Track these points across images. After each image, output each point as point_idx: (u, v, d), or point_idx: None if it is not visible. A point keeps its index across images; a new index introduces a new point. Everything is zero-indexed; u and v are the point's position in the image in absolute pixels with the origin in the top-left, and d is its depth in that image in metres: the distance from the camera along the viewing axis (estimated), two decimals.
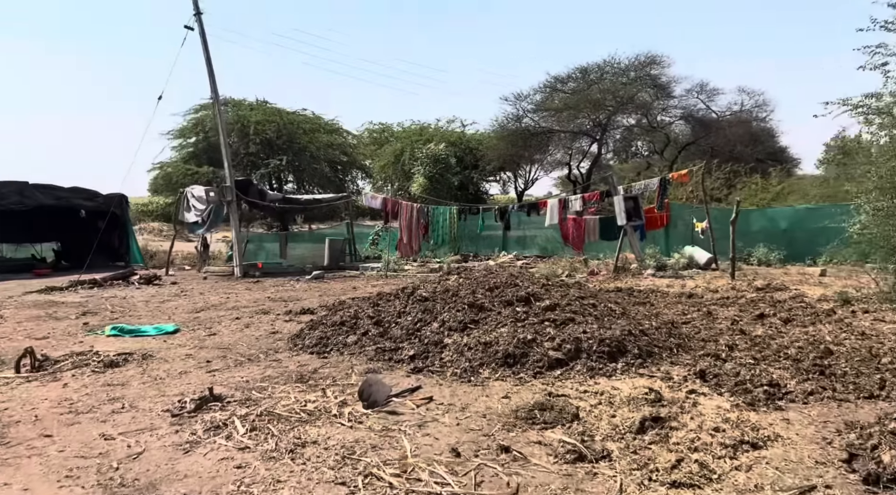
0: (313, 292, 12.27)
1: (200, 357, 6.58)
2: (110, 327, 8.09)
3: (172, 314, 9.66)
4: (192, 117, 35.79)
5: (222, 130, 16.25)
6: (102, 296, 12.08)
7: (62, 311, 10.08)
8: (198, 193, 16.42)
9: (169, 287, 13.39)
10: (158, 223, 40.37)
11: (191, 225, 16.45)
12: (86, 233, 20.93)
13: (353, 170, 40.61)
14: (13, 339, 7.70)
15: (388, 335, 6.65)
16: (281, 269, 16.90)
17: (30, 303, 10.99)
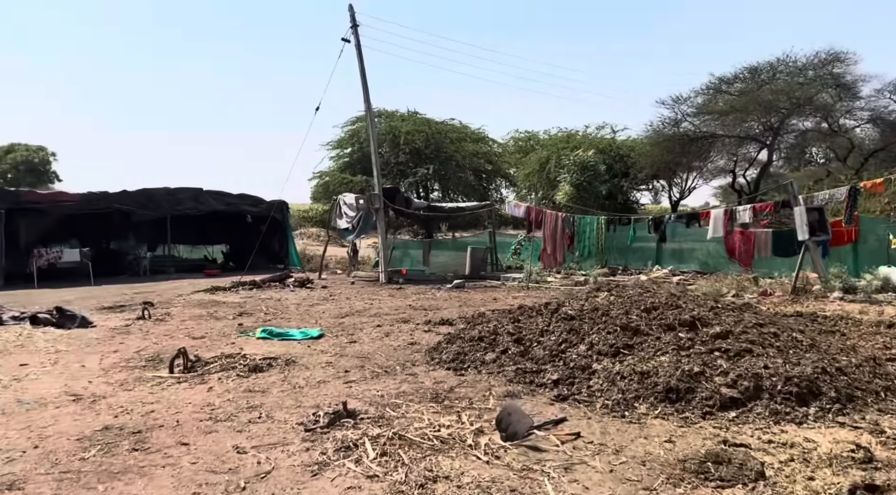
0: (453, 302, 12.03)
1: (339, 365, 6.47)
2: (261, 330, 8.33)
3: (319, 318, 9.84)
4: (350, 129, 37.63)
5: (373, 140, 16.67)
6: (260, 297, 12.72)
7: (222, 311, 10.67)
8: (349, 201, 16.95)
9: (319, 290, 13.85)
10: (316, 228, 42.85)
11: (342, 231, 17.04)
12: (250, 236, 22.55)
13: (497, 178, 40.50)
14: (174, 337, 8.16)
15: (529, 355, 6.12)
16: (423, 277, 16.97)
17: (195, 302, 11.81)
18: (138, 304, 11.52)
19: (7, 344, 7.69)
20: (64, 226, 18.60)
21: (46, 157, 50.91)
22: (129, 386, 5.66)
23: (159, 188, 18.95)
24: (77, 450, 3.98)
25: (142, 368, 6.43)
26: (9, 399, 5.19)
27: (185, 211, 19.54)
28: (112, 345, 7.64)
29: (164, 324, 9.29)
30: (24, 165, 47.92)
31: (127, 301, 12.42)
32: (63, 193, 17.26)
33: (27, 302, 12.31)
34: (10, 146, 49.49)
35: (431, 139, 35.56)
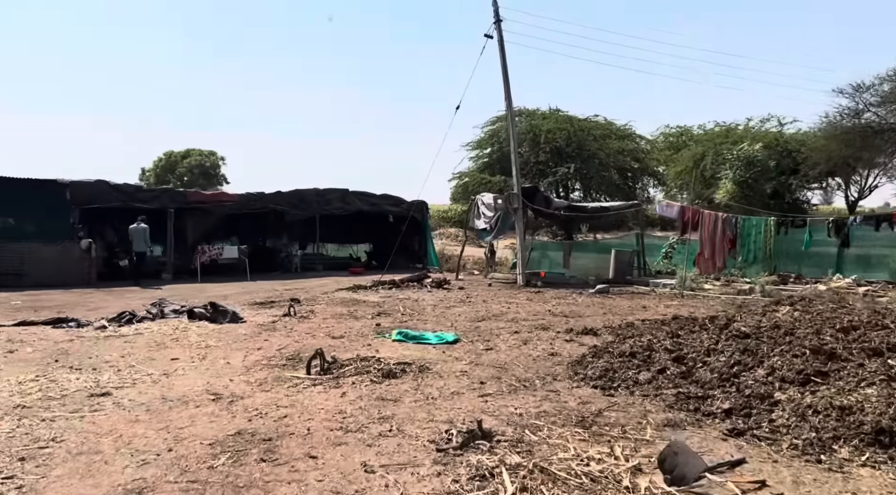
0: (597, 309, 11.20)
1: (475, 375, 6.04)
2: (397, 332, 8.14)
3: (455, 321, 9.51)
4: (489, 129, 37.50)
5: (513, 138, 16.18)
6: (398, 297, 12.71)
7: (361, 310, 10.71)
8: (487, 201, 16.61)
9: (456, 292, 13.61)
10: (455, 229, 43.20)
11: (480, 231, 16.73)
12: (391, 236, 23.01)
13: (644, 177, 38.38)
14: (315, 336, 8.20)
15: (692, 377, 5.30)
16: (563, 280, 16.19)
17: (338, 301, 12.02)
18: (286, 301, 11.92)
19: (164, 337, 8.13)
20: (225, 225, 20.08)
21: (216, 161, 56.11)
22: (266, 387, 5.62)
23: (309, 189, 19.85)
24: (208, 457, 3.86)
25: (281, 367, 6.43)
26: (155, 395, 5.31)
27: (333, 210, 20.30)
28: (257, 342, 7.80)
29: (307, 322, 9.43)
30: (197, 169, 53.16)
31: (276, 297, 12.93)
32: (224, 194, 18.62)
33: (189, 295, 13.24)
34: (187, 151, 55.13)
35: (573, 137, 34.43)
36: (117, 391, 5.44)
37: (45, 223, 15.46)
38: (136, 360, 6.69)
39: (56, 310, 10.80)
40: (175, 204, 17.47)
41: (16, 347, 7.30)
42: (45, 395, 5.24)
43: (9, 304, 11.52)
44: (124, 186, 16.62)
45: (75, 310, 10.91)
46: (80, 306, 11.43)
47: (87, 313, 10.43)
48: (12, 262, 14.46)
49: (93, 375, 5.97)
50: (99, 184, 16.14)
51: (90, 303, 11.87)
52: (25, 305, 11.43)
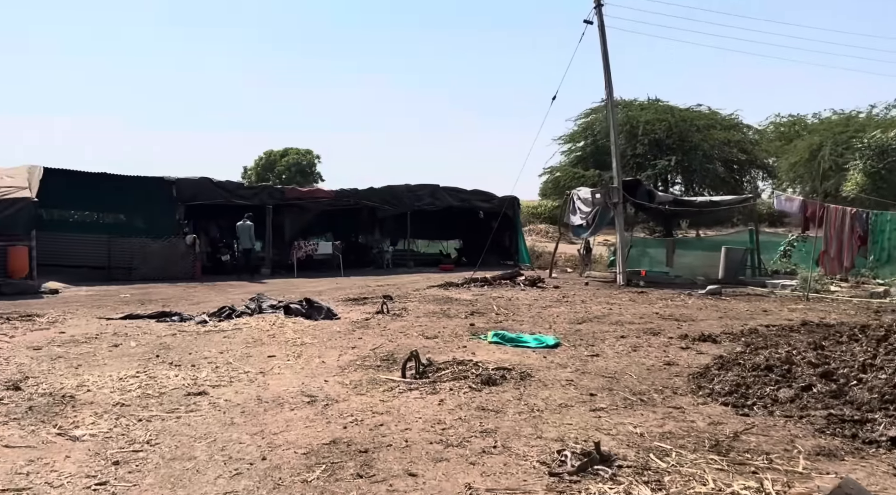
0: (710, 311, 10.29)
1: (583, 385, 5.51)
2: (493, 333, 7.71)
3: (553, 323, 8.97)
4: (583, 122, 36.34)
5: (613, 129, 15.34)
6: (491, 295, 12.29)
7: (454, 309, 10.37)
8: (583, 195, 15.86)
9: (551, 291, 13.02)
10: (545, 225, 42.38)
11: (575, 228, 16.02)
12: (481, 232, 22.64)
13: (752, 169, 35.91)
14: (409, 336, 7.92)
15: (845, 396, 4.54)
16: (667, 280, 15.18)
17: (430, 298, 11.74)
18: (379, 297, 11.79)
19: (261, 333, 8.10)
20: (319, 221, 20.42)
21: (312, 159, 57.78)
22: (361, 390, 5.35)
23: (401, 185, 19.81)
24: (302, 469, 3.59)
25: (376, 368, 6.16)
26: (251, 395, 5.15)
27: (423, 206, 20.16)
28: (351, 340, 7.60)
29: (401, 320, 9.19)
30: (295, 167, 54.95)
31: (369, 293, 12.86)
32: (319, 190, 18.90)
33: (285, 290, 13.41)
34: (285, 150, 57.11)
35: (675, 128, 32.67)
36: (214, 390, 5.33)
37: (153, 219, 16.20)
38: (233, 357, 6.64)
39: (161, 303, 11.17)
40: (273, 200, 17.89)
41: (120, 341, 7.47)
42: (144, 393, 5.21)
43: (118, 297, 12.06)
44: (226, 183, 17.20)
45: (179, 304, 11.24)
46: (183, 300, 11.79)
47: (190, 307, 10.70)
48: (123, 257, 15.24)
49: (191, 372, 5.93)
50: (202, 181, 16.76)
51: (193, 298, 12.23)
52: (134, 299, 11.92)
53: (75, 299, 11.72)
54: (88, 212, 15.83)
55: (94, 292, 12.85)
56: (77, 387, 5.36)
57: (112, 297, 12.12)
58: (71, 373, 5.86)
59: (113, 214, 15.86)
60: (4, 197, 11.95)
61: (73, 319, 9.17)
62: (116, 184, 15.72)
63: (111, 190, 15.60)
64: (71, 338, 7.60)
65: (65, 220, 15.45)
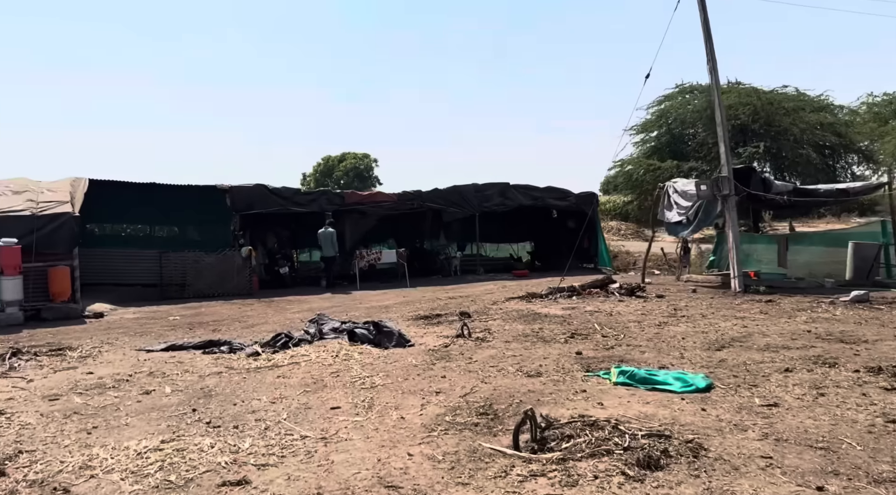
0: (877, 327, 8.20)
1: (790, 466, 3.71)
2: (617, 370, 5.95)
3: (682, 349, 7.12)
4: (656, 109, 33.78)
5: (719, 108, 13.14)
6: (585, 309, 10.48)
7: (547, 328, 8.64)
8: (682, 188, 13.82)
9: (656, 301, 11.09)
10: (616, 222, 40.07)
11: (672, 225, 13.97)
12: (555, 233, 20.77)
13: (847, 154, 32.51)
14: (504, 371, 6.26)
15: None
16: (789, 283, 12.94)
17: (514, 314, 10.05)
18: (454, 314, 10.24)
19: (323, 369, 6.62)
20: (381, 227, 19.02)
21: (370, 164, 57.15)
22: (461, 473, 3.74)
23: (467, 185, 18.17)
24: None
25: (473, 429, 4.54)
26: (308, 487, 3.60)
27: (493, 207, 18.45)
28: (433, 380, 6.01)
29: (487, 346, 7.55)
30: (352, 171, 54.36)
31: (441, 308, 11.31)
32: (381, 193, 17.48)
33: (349, 306, 12.00)
34: (343, 155, 56.67)
35: (760, 111, 29.75)
36: (258, 473, 3.83)
37: (207, 231, 15.20)
38: (287, 410, 5.15)
39: (212, 327, 9.93)
40: (332, 206, 16.59)
41: (155, 385, 6.11)
42: (165, 480, 3.75)
43: (167, 320, 10.91)
44: (282, 190, 15.97)
45: (232, 327, 9.96)
46: (237, 322, 10.51)
47: (243, 332, 9.40)
48: (176, 273, 14.21)
49: (232, 439, 4.45)
50: (257, 189, 15.61)
51: (248, 318, 10.95)
52: (183, 321, 10.73)
53: (119, 324, 10.61)
54: (139, 226, 14.92)
55: (141, 314, 11.78)
56: (80, 470, 3.97)
57: (160, 320, 10.98)
58: (80, 443, 4.49)
59: (164, 227, 14.94)
60: (44, 212, 10.98)
61: (109, 352, 7.95)
62: (167, 194, 14.73)
63: (161, 201, 14.63)
64: (98, 382, 6.31)
65: (114, 235, 14.66)
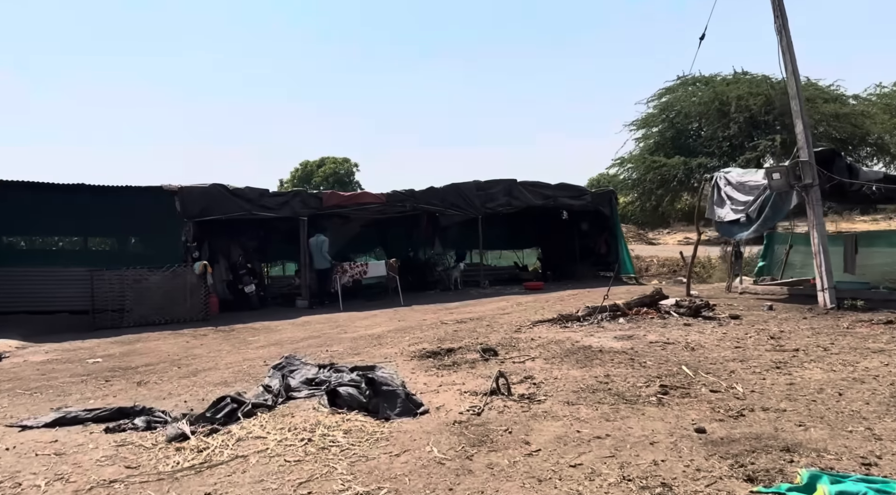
0: None
1: None
2: (806, 473, 3.30)
3: (857, 416, 4.50)
4: (657, 103, 31.51)
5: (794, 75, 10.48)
6: (647, 338, 7.83)
7: (616, 375, 5.98)
8: (737, 179, 11.30)
9: (734, 325, 8.48)
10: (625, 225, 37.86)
11: (726, 225, 11.40)
12: (566, 237, 18.21)
13: (863, 147, 30.45)
14: (599, 478, 3.56)
15: None
16: (878, 295, 10.39)
17: (555, 349, 7.36)
18: (471, 348, 7.58)
19: (284, 470, 3.87)
20: (367, 235, 16.28)
21: (350, 168, 54.29)
22: None
23: (468, 182, 15.49)
24: None
25: None
26: None
27: (497, 208, 15.78)
28: None
29: (544, 416, 4.87)
30: (332, 177, 51.43)
31: (450, 337, 8.63)
32: (366, 194, 14.72)
33: (330, 336, 9.26)
34: (322, 160, 53.77)
35: (775, 102, 27.53)
36: None
37: (152, 242, 12.41)
38: None
39: (139, 376, 7.13)
40: (308, 210, 13.82)
41: None
42: None
43: (83, 364, 8.09)
44: (246, 191, 13.14)
45: (165, 376, 7.17)
46: (175, 367, 7.71)
47: (179, 384, 6.63)
48: (111, 296, 11.35)
49: None
50: (214, 189, 12.79)
51: (193, 360, 8.15)
52: (104, 366, 7.91)
53: (15, 373, 7.76)
54: (69, 238, 12.04)
55: (56, 354, 8.94)
56: None
57: (74, 364, 8.16)
58: None
59: (97, 239, 12.02)
60: None
61: None
62: (101, 199, 11.88)
63: (93, 207, 11.79)
64: None
65: (35, 250, 11.70)
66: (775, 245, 13.51)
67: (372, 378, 5.33)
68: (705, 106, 29.56)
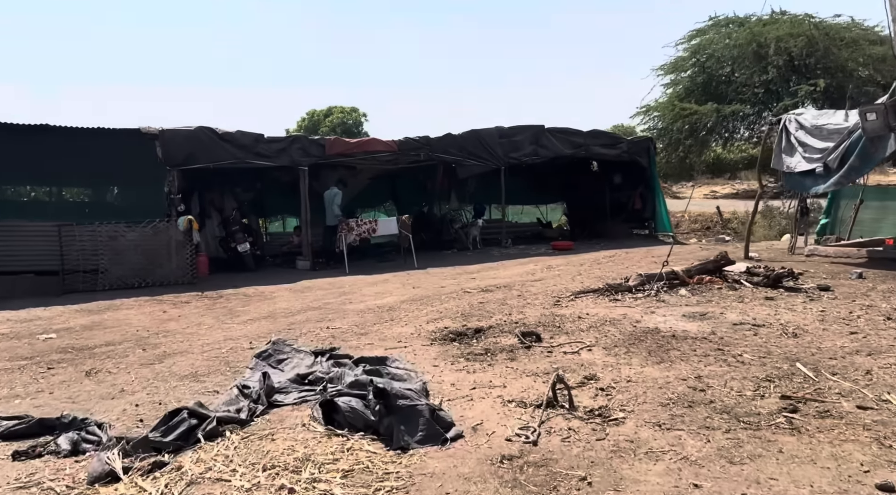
0: None
1: None
2: None
3: None
4: (688, 46, 29.20)
5: None
6: (725, 317, 6.27)
7: (710, 373, 4.47)
8: (813, 121, 9.55)
9: (828, 298, 6.90)
10: None
11: (797, 177, 9.69)
12: (594, 190, 16.52)
13: None
14: None
15: None
16: None
17: (614, 333, 5.81)
18: (502, 327, 6.11)
19: None
20: (376, 187, 14.63)
21: (359, 118, 52.17)
22: None
23: (490, 128, 13.70)
24: None
25: None
26: None
27: (522, 158, 14.04)
28: None
29: (633, 451, 3.38)
30: (340, 127, 49.40)
31: (476, 311, 7.16)
32: (376, 141, 12.99)
33: (333, 308, 7.77)
34: (329, 109, 51.66)
35: (817, 43, 25.24)
36: None
37: (130, 194, 10.86)
38: None
39: (90, 362, 5.69)
40: (309, 158, 12.17)
41: None
42: None
43: (32, 341, 6.67)
44: (237, 136, 11.47)
45: (125, 360, 5.75)
46: (140, 347, 6.28)
47: (136, 376, 5.20)
48: (84, 255, 9.89)
49: None
50: (201, 133, 11.14)
51: (163, 340, 6.70)
52: (56, 345, 6.48)
53: None
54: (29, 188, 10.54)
55: (5, 326, 7.54)
56: None
57: (25, 340, 6.77)
58: None
59: (69, 189, 10.52)
60: None
61: None
62: (69, 142, 10.29)
63: (63, 152, 10.22)
64: None
65: None
66: (841, 200, 11.81)
67: (383, 389, 3.82)
68: (740, 48, 27.28)
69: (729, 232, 17.46)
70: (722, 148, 31.34)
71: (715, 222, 19.68)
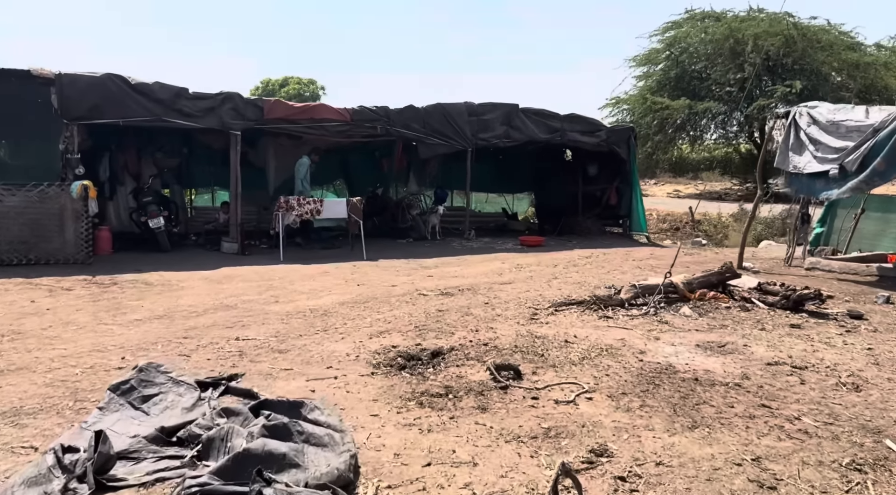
0: None
1: None
2: None
3: None
4: (661, 38, 28.15)
5: None
6: (752, 352, 4.92)
7: (770, 454, 3.07)
8: (830, 116, 8.30)
9: (865, 329, 5.64)
10: None
11: (806, 179, 8.46)
12: (566, 181, 15.17)
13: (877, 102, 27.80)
14: None
15: None
16: None
17: (620, 374, 4.36)
18: (468, 347, 4.66)
19: None
20: (326, 163, 12.83)
21: (316, 91, 49.67)
22: None
23: (457, 103, 12.08)
24: None
25: None
26: None
27: (493, 140, 12.47)
28: None
29: None
30: (296, 99, 46.88)
31: (433, 323, 5.65)
32: (324, 106, 11.19)
33: (252, 308, 6.10)
34: (285, 79, 49.03)
35: (795, 44, 24.47)
36: None
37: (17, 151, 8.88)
38: None
39: None
40: (243, 122, 10.29)
41: None
42: None
43: None
44: (155, 88, 9.49)
45: None
46: None
47: None
48: None
49: None
50: (107, 81, 9.13)
51: (6, 345, 4.93)
52: None
53: None
54: None
55: None
56: None
57: None
58: None
59: None
60: None
61: None
62: None
63: None
64: None
65: None
66: (839, 208, 10.73)
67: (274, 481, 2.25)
68: (716, 44, 26.37)
69: (700, 234, 16.41)
70: (689, 146, 30.50)
71: (685, 223, 18.61)
